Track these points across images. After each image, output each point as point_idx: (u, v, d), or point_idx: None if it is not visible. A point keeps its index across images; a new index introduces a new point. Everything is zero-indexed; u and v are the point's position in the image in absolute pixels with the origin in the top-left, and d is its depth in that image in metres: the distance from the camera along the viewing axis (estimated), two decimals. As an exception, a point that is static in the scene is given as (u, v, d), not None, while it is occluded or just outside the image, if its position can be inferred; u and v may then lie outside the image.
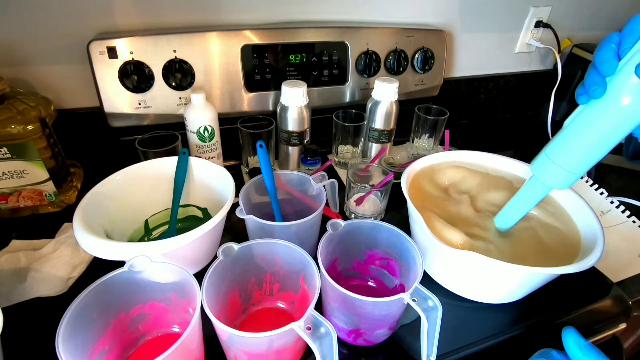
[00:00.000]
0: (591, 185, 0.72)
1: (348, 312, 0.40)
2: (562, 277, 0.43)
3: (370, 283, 0.50)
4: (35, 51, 0.63)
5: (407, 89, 0.83)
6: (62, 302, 0.33)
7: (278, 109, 0.67)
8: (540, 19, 0.94)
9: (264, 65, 0.70)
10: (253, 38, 0.68)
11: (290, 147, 0.69)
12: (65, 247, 0.50)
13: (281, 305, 0.46)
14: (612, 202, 0.68)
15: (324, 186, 0.54)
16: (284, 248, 0.41)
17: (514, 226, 0.49)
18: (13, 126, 0.50)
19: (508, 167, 0.60)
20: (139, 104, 0.65)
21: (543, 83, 1.02)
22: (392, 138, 0.75)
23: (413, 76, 0.82)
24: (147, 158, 0.57)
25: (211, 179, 0.54)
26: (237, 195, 0.50)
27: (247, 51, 0.68)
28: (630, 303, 0.52)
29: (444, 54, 0.84)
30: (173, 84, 0.65)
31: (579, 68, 0.97)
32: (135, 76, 0.62)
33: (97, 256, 0.39)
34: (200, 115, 0.61)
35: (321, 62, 0.74)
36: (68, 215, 0.46)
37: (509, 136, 1.00)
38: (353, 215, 0.63)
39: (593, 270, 0.55)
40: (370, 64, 0.76)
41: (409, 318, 0.47)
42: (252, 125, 0.67)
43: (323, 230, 0.44)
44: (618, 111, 0.35)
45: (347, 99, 0.79)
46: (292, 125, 0.66)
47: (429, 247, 0.48)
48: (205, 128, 0.62)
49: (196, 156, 0.60)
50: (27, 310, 0.45)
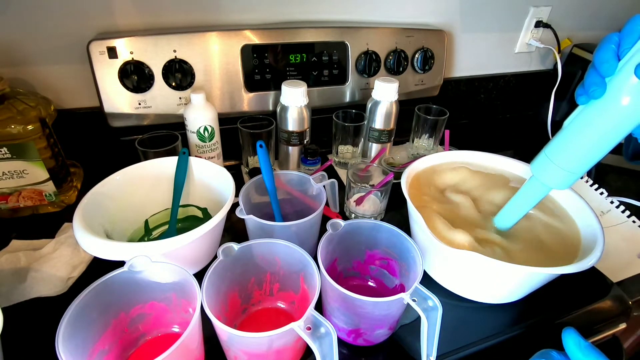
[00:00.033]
0: (591, 185, 0.72)
1: (348, 312, 0.40)
2: (562, 277, 0.43)
3: (370, 283, 0.50)
4: (35, 51, 0.63)
5: (407, 89, 0.83)
6: (62, 302, 0.33)
7: (278, 109, 0.67)
8: (540, 19, 0.94)
9: (264, 65, 0.70)
10: (253, 38, 0.68)
11: (290, 147, 0.69)
12: (65, 247, 0.50)
13: (281, 305, 0.46)
14: (612, 202, 0.68)
15: (324, 186, 0.54)
16: (284, 248, 0.41)
17: (514, 226, 0.49)
18: (13, 126, 0.50)
19: (508, 167, 0.60)
20: (139, 104, 0.65)
21: (543, 83, 1.02)
22: (392, 138, 0.75)
23: (413, 76, 0.82)
24: (147, 158, 0.57)
25: (211, 179, 0.54)
26: (237, 195, 0.50)
27: (247, 51, 0.68)
28: (630, 303, 0.52)
29: (444, 54, 0.84)
30: (173, 84, 0.65)
31: (579, 68, 0.97)
32: (135, 76, 0.62)
33: (97, 256, 0.39)
34: (200, 115, 0.61)
35: (321, 62, 0.74)
36: (68, 215, 0.46)
37: (509, 136, 1.00)
38: (353, 215, 0.63)
39: (593, 270, 0.55)
40: (370, 64, 0.76)
41: (409, 318, 0.47)
42: (252, 125, 0.67)
43: (323, 230, 0.44)
44: (618, 111, 0.35)
45: (347, 99, 0.79)
46: (292, 125, 0.66)
47: (429, 247, 0.48)
48: (205, 128, 0.62)
49: (196, 156, 0.60)
50: (27, 310, 0.45)
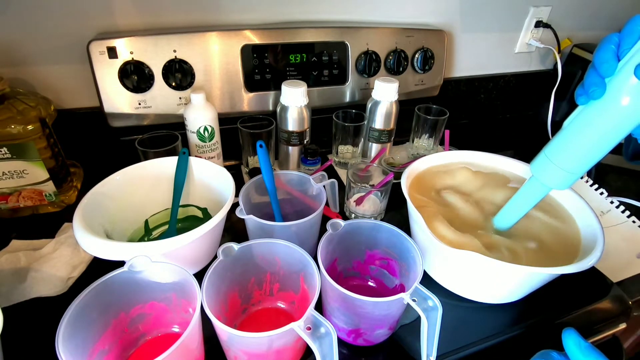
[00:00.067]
0: (591, 185, 0.72)
1: (348, 312, 0.40)
2: (562, 277, 0.43)
3: (370, 283, 0.50)
4: (35, 51, 0.63)
5: (407, 89, 0.83)
6: (62, 302, 0.33)
7: (278, 109, 0.67)
8: (540, 19, 0.94)
9: (264, 65, 0.70)
10: (253, 38, 0.68)
11: (290, 147, 0.69)
12: (65, 247, 0.50)
13: (281, 305, 0.46)
14: (612, 202, 0.68)
15: (324, 186, 0.54)
16: (284, 248, 0.41)
17: (515, 226, 0.49)
18: (13, 126, 0.50)
19: (508, 167, 0.60)
20: (139, 104, 0.65)
21: (543, 83, 1.02)
22: (392, 138, 0.75)
23: (413, 76, 0.82)
24: (147, 158, 0.57)
25: (211, 179, 0.54)
26: (237, 195, 0.50)
27: (247, 51, 0.68)
28: (630, 303, 0.52)
29: (444, 54, 0.84)
30: (173, 84, 0.65)
31: (579, 68, 0.97)
32: (135, 76, 0.62)
33: (97, 256, 0.39)
34: (200, 115, 0.61)
35: (321, 62, 0.74)
36: (68, 215, 0.46)
37: (509, 136, 1.00)
38: (353, 215, 0.63)
39: (593, 270, 0.55)
40: (370, 64, 0.76)
41: (409, 318, 0.47)
42: (252, 125, 0.67)
43: (323, 230, 0.44)
44: (617, 112, 0.35)
45: (347, 99, 0.79)
46: (292, 125, 0.66)
47: (429, 247, 0.48)
48: (205, 128, 0.62)
49: (196, 156, 0.60)
50: (27, 310, 0.45)
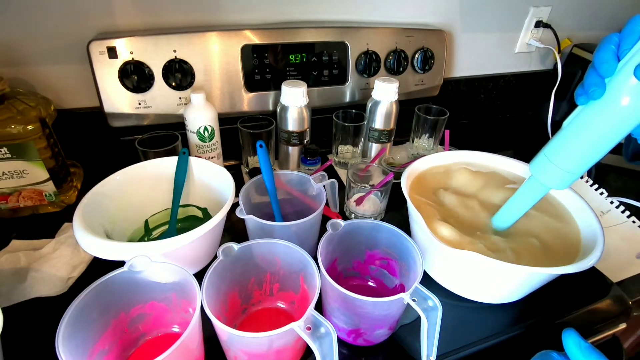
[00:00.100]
0: (591, 185, 0.72)
1: (348, 312, 0.40)
2: (562, 277, 0.43)
3: (370, 283, 0.50)
4: (35, 51, 0.63)
5: (407, 89, 0.83)
6: (62, 302, 0.33)
7: (278, 109, 0.67)
8: (540, 19, 0.94)
9: (264, 65, 0.70)
10: (253, 38, 0.68)
11: (290, 147, 0.69)
12: (65, 247, 0.50)
13: (281, 305, 0.46)
14: (612, 202, 0.68)
15: (324, 186, 0.54)
16: (284, 248, 0.41)
17: (515, 226, 0.49)
18: (13, 126, 0.50)
19: (508, 167, 0.60)
20: (139, 104, 0.65)
21: (543, 83, 1.02)
22: (392, 138, 0.75)
23: (413, 76, 0.82)
24: (147, 158, 0.57)
25: (211, 179, 0.54)
26: (237, 195, 0.50)
27: (247, 51, 0.68)
28: (630, 303, 0.52)
29: (444, 54, 0.84)
30: (173, 84, 0.65)
31: (579, 68, 0.97)
32: (135, 76, 0.62)
33: (97, 256, 0.39)
34: (200, 115, 0.61)
35: (321, 62, 0.74)
36: (68, 215, 0.46)
37: (509, 136, 1.00)
38: (353, 215, 0.63)
39: (593, 270, 0.55)
40: (370, 64, 0.76)
41: (409, 318, 0.47)
42: (252, 125, 0.67)
43: (323, 230, 0.44)
44: (617, 112, 0.35)
45: (347, 99, 0.79)
46: (292, 125, 0.66)
47: (429, 247, 0.48)
48: (205, 128, 0.62)
49: (196, 156, 0.60)
50: (27, 310, 0.45)
